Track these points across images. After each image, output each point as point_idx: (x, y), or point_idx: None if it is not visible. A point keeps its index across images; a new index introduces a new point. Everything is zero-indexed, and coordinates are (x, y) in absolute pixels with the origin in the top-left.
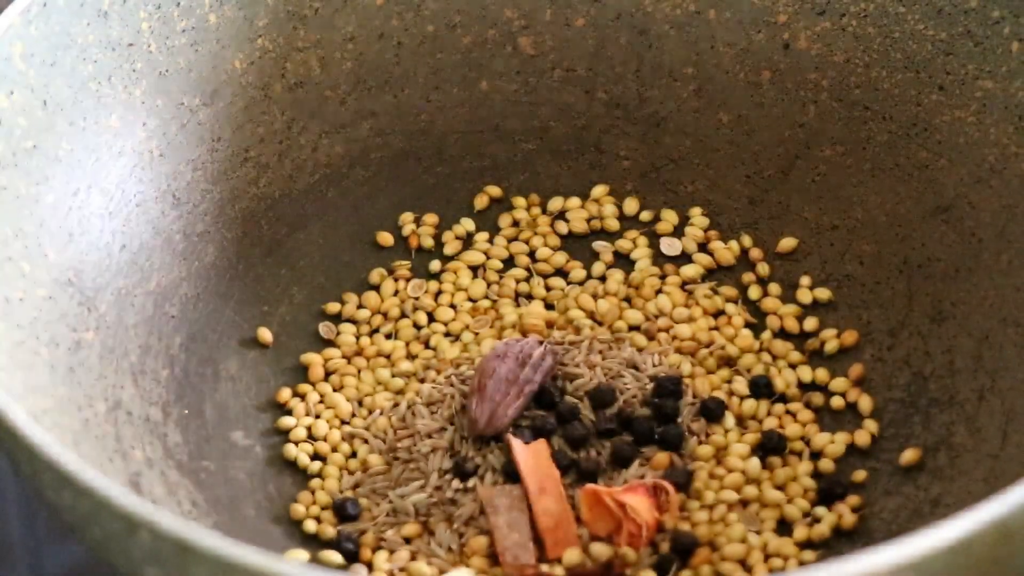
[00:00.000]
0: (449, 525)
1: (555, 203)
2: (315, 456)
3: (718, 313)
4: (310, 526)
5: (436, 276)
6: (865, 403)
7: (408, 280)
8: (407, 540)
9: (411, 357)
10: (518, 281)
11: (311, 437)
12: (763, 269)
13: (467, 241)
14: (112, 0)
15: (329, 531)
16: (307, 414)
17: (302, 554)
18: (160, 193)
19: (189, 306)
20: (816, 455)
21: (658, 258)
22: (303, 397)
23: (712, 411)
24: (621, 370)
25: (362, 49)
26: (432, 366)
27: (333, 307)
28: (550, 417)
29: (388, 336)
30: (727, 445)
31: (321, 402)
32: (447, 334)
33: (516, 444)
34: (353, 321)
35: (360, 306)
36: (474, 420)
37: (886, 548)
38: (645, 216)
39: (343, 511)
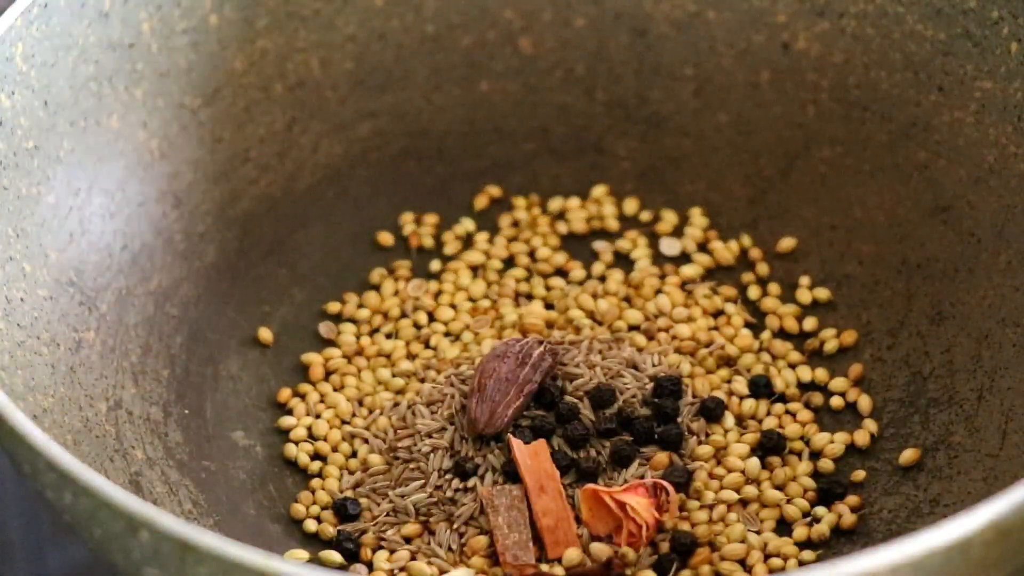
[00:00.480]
0: (449, 525)
1: (555, 203)
2: (315, 456)
3: (718, 313)
4: (310, 526)
5: (436, 276)
6: (864, 403)
7: (408, 280)
8: (407, 540)
9: (411, 357)
10: (518, 281)
11: (311, 437)
12: (763, 269)
13: (467, 241)
14: (113, 1)
15: (329, 531)
16: (307, 414)
17: (302, 554)
18: (161, 193)
19: (190, 306)
20: (816, 455)
21: (658, 258)
22: (303, 397)
23: (712, 411)
24: (621, 370)
25: (362, 49)
26: (432, 366)
27: (333, 307)
28: (550, 417)
29: (388, 336)
30: (727, 445)
31: (321, 402)
32: (447, 334)
33: (516, 444)
34: (353, 321)
35: (360, 306)
36: (474, 420)
37: (885, 548)
38: (645, 216)
39: (343, 511)
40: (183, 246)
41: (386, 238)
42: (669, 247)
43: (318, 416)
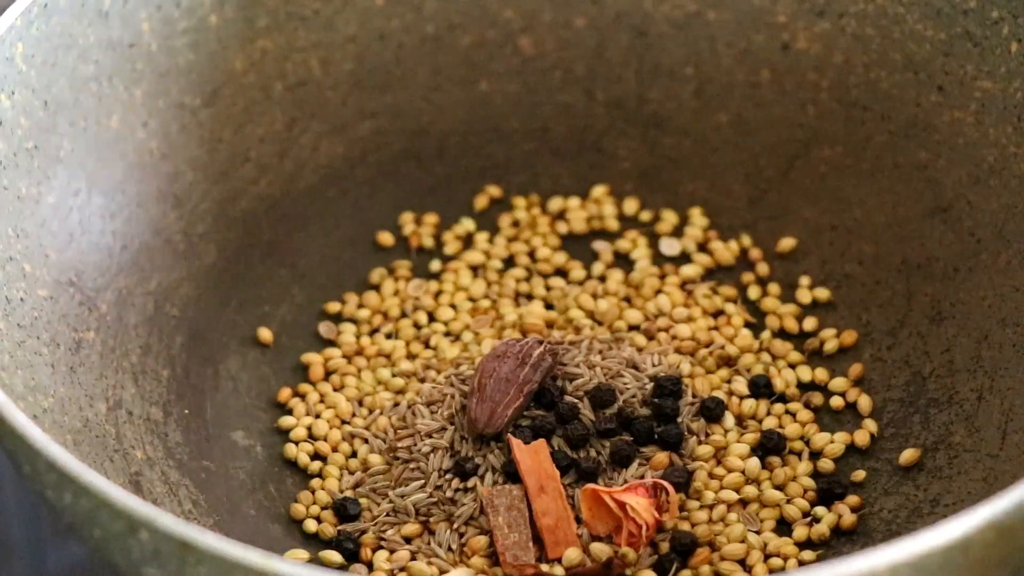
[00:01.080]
0: (449, 525)
1: (555, 203)
2: (315, 456)
3: (717, 313)
4: (310, 526)
5: (436, 276)
6: (864, 403)
7: (408, 280)
8: (407, 540)
9: (411, 357)
10: (518, 281)
11: (311, 437)
12: (763, 269)
13: (467, 241)
14: (113, 1)
15: (329, 531)
16: (307, 414)
17: (302, 554)
18: (161, 193)
19: (190, 306)
20: (816, 455)
21: (658, 258)
22: (303, 397)
23: (712, 411)
24: (621, 370)
25: (362, 50)
26: (432, 366)
27: (333, 307)
28: (550, 417)
29: (388, 336)
30: (727, 445)
31: (321, 402)
32: (447, 334)
33: (516, 444)
34: (353, 321)
35: (360, 306)
36: (474, 420)
37: (885, 548)
38: (645, 216)
39: (343, 511)
40: (183, 246)
41: (386, 238)
42: (669, 247)
43: (318, 416)
